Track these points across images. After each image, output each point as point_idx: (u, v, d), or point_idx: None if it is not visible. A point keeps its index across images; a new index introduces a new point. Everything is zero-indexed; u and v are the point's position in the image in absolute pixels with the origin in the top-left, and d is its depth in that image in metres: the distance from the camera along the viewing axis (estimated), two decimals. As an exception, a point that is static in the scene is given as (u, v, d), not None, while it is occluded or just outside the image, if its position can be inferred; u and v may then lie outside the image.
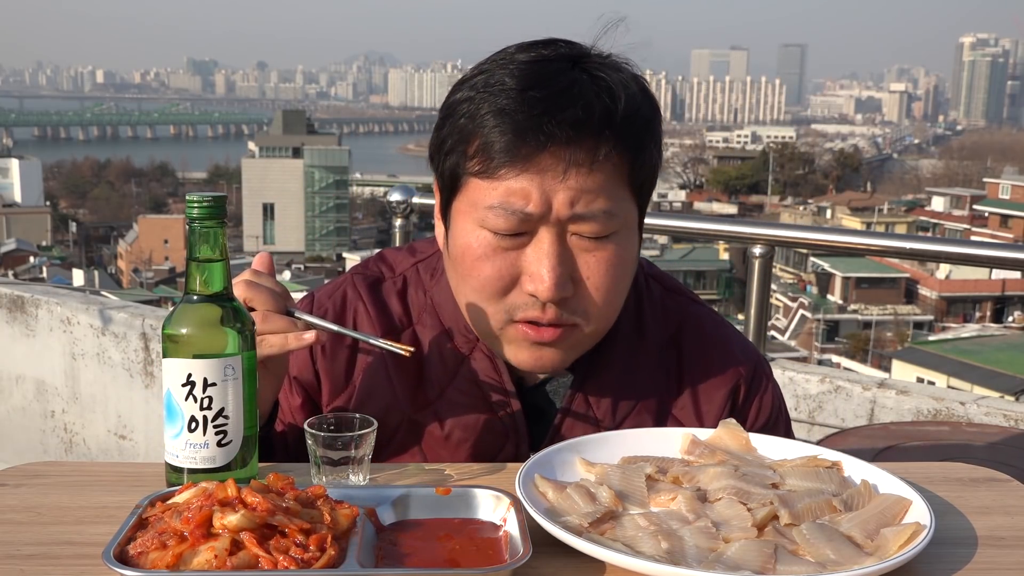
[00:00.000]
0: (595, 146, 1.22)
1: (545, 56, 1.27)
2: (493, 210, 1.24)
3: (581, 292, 1.28)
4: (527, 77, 1.23)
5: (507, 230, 1.25)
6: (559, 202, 1.23)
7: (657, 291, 1.49)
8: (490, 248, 1.27)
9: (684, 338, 1.46)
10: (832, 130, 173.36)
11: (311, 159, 77.43)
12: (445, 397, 1.40)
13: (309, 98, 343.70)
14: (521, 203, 1.23)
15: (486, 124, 1.23)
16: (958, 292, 45.74)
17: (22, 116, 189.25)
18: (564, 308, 1.28)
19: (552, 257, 1.24)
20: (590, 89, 1.23)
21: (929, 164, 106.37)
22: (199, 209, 1.18)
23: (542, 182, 1.22)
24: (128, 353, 4.17)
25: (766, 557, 1.03)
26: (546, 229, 1.25)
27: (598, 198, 1.24)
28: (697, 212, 63.86)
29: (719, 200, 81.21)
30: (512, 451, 1.40)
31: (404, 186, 4.11)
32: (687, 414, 1.44)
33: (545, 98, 1.21)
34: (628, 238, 1.31)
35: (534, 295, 1.26)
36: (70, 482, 1.26)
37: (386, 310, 1.45)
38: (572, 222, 1.25)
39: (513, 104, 1.22)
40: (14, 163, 77.80)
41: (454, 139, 1.28)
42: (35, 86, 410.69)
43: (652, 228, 3.07)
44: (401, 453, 1.41)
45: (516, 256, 1.27)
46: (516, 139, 1.21)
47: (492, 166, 1.23)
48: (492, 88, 1.24)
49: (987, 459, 2.06)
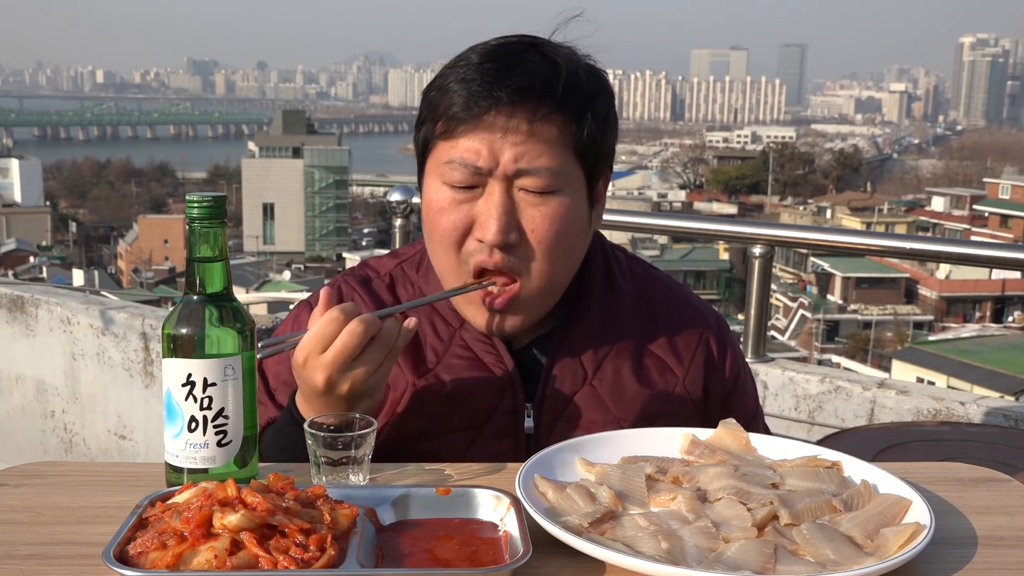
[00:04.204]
0: (535, 108, 1.37)
1: (509, 40, 1.44)
2: (450, 164, 1.41)
3: (526, 243, 1.42)
4: (487, 54, 1.42)
5: (461, 183, 1.41)
6: (505, 158, 1.38)
7: (623, 259, 1.65)
8: (447, 201, 1.42)
9: (653, 293, 1.62)
10: (832, 130, 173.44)
11: (311, 159, 77.41)
12: (443, 363, 1.52)
13: (309, 98, 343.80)
14: (473, 158, 1.39)
15: (450, 91, 1.40)
16: (958, 292, 45.72)
17: (22, 116, 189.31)
18: (510, 255, 1.42)
19: (499, 206, 1.39)
20: (538, 63, 1.40)
21: (929, 164, 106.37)
22: (199, 209, 1.19)
23: (491, 140, 1.38)
24: (128, 353, 4.17)
25: (766, 557, 1.03)
26: (495, 182, 1.40)
27: (541, 156, 1.39)
28: (697, 212, 63.82)
29: (719, 200, 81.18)
30: (510, 403, 1.50)
31: (404, 186, 4.09)
32: (665, 351, 1.56)
33: (497, 69, 1.38)
34: (573, 200, 1.44)
35: (482, 240, 1.41)
36: (70, 482, 1.27)
37: (379, 300, 1.57)
38: (518, 177, 1.39)
39: (472, 74, 1.39)
40: (14, 163, 77.77)
41: (426, 111, 1.45)
42: (35, 86, 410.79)
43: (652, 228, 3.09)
44: (409, 417, 1.51)
45: (469, 208, 1.42)
46: (470, 102, 1.38)
47: (451, 127, 1.40)
48: (459, 64, 1.42)
49: (987, 459, 2.06)
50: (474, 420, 1.50)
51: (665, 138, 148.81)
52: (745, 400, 1.66)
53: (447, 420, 1.50)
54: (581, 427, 1.50)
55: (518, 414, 1.51)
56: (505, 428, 1.50)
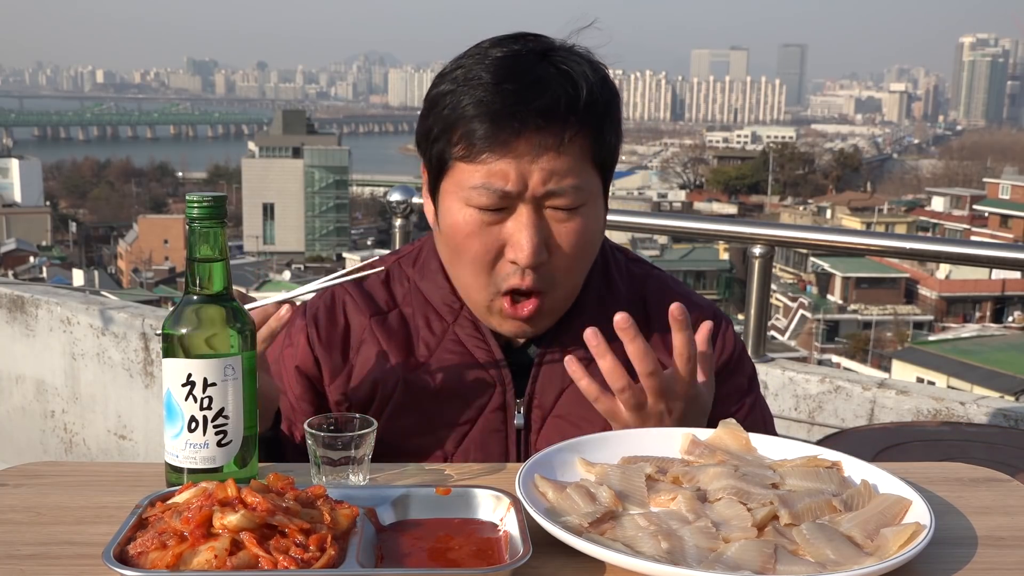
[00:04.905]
0: (562, 130, 1.38)
1: (516, 51, 1.42)
2: (477, 190, 1.40)
3: (554, 258, 1.44)
4: (500, 71, 1.39)
5: (489, 206, 1.41)
6: (534, 181, 1.39)
7: (622, 259, 1.66)
8: (476, 224, 1.42)
9: (649, 293, 1.62)
10: (832, 130, 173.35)
11: (311, 159, 77.40)
12: (435, 357, 1.54)
13: (309, 98, 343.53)
14: (501, 183, 1.39)
15: (467, 114, 1.39)
16: (958, 292, 45.71)
17: (22, 116, 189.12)
18: (540, 273, 1.44)
19: (530, 227, 1.40)
20: (556, 80, 1.39)
21: (929, 164, 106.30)
22: (199, 209, 1.19)
23: (518, 164, 1.38)
24: (128, 353, 4.17)
25: (766, 557, 1.03)
26: (524, 205, 1.41)
27: (567, 176, 1.40)
28: (697, 212, 63.82)
29: (719, 200, 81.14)
30: (500, 400, 1.52)
31: (404, 186, 4.10)
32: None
33: (517, 90, 1.37)
34: (595, 210, 1.47)
35: (515, 262, 1.42)
36: (70, 482, 1.27)
37: (372, 298, 1.59)
38: (546, 198, 1.41)
39: (490, 96, 1.38)
40: (14, 163, 77.73)
41: (439, 128, 1.43)
42: (35, 86, 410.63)
43: (652, 228, 3.08)
44: (399, 411, 1.52)
45: (499, 230, 1.42)
46: (494, 127, 1.37)
47: (474, 151, 1.39)
48: (471, 82, 1.40)
49: (987, 459, 2.06)
50: (464, 416, 1.51)
51: (665, 138, 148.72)
52: (738, 378, 1.61)
53: (437, 415, 1.52)
54: (571, 424, 1.51)
55: (508, 410, 1.52)
56: (495, 424, 1.52)
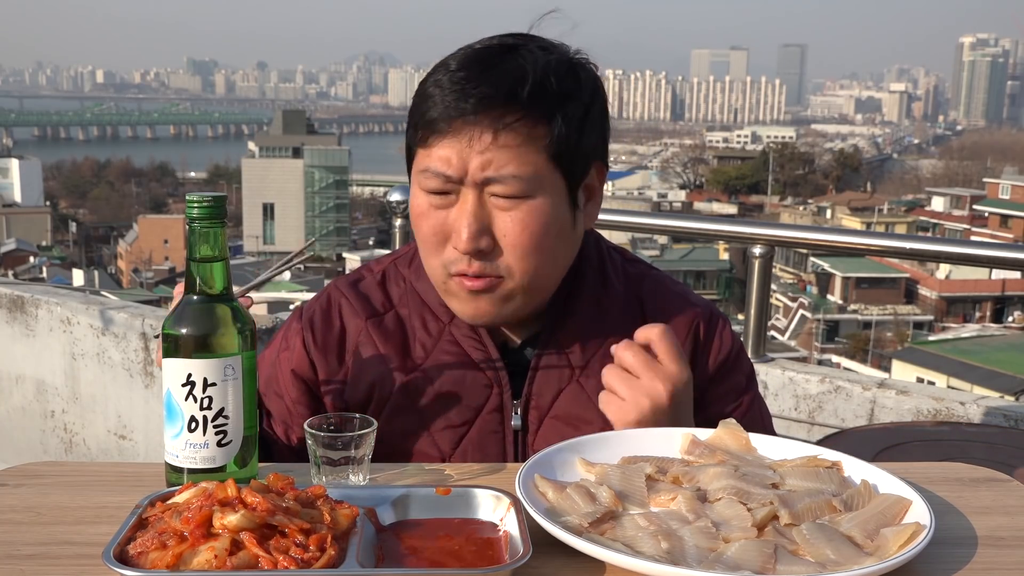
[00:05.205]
0: (500, 116, 1.38)
1: (491, 44, 1.45)
2: (425, 174, 1.43)
3: (501, 248, 1.43)
4: (464, 60, 1.42)
5: (436, 190, 1.43)
6: (473, 166, 1.39)
7: (618, 259, 1.65)
8: (426, 207, 1.45)
9: (645, 293, 1.61)
10: (832, 130, 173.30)
11: (311, 159, 77.39)
12: (432, 358, 1.54)
13: (309, 98, 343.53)
14: (443, 167, 1.41)
15: (427, 97, 1.43)
16: (958, 292, 45.70)
17: (22, 116, 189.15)
18: (486, 261, 1.43)
19: (468, 215, 1.41)
20: (508, 70, 1.40)
21: (929, 164, 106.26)
22: (199, 209, 1.19)
23: (459, 149, 1.40)
24: (128, 353, 4.17)
25: (766, 557, 1.03)
26: (467, 190, 1.41)
27: (508, 163, 1.39)
28: (697, 212, 63.79)
29: (719, 200, 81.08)
30: (497, 401, 1.52)
31: (404, 186, 4.09)
32: None
33: (467, 77, 1.40)
34: (550, 203, 1.44)
35: (456, 248, 1.43)
36: (70, 482, 1.27)
37: (367, 300, 1.59)
38: (487, 184, 1.41)
39: (445, 81, 1.41)
40: (14, 163, 77.72)
41: (411, 117, 1.47)
42: (35, 86, 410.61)
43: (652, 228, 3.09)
44: (397, 413, 1.52)
45: (446, 215, 1.44)
46: (442, 112, 1.40)
47: (425, 135, 1.43)
48: (438, 71, 1.44)
49: (987, 459, 2.06)
50: (462, 417, 1.51)
51: (665, 138, 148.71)
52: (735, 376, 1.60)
53: (434, 417, 1.51)
54: (569, 424, 1.51)
55: (505, 412, 1.52)
56: (492, 425, 1.52)
